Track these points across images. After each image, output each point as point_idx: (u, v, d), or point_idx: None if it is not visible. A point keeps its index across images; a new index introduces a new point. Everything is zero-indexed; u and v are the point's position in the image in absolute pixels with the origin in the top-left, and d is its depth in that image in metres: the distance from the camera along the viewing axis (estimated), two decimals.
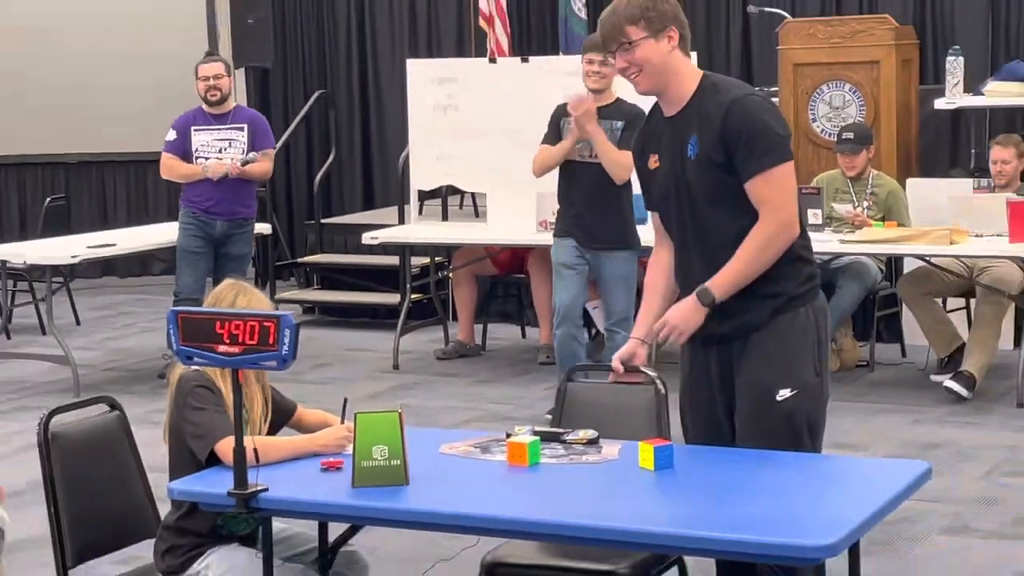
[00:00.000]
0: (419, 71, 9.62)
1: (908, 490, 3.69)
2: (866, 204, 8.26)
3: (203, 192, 8.52)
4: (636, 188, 5.31)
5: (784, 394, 3.99)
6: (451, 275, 9.56)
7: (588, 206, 7.30)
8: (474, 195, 10.43)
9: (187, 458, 4.01)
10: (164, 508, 4.18)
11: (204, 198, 8.53)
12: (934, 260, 8.01)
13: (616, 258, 7.23)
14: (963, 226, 7.79)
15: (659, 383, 4.38)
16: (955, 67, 8.84)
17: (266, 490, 3.70)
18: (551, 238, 7.54)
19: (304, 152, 12.60)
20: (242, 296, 4.14)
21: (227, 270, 8.26)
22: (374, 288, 10.54)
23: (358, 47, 12.32)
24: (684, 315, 4.04)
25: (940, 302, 8.32)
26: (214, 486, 3.80)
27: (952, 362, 7.99)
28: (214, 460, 3.95)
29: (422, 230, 9.60)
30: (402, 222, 9.96)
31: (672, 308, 4.08)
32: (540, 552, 4.20)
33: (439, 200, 10.37)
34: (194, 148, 8.56)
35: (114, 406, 4.31)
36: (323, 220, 11.42)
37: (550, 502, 3.64)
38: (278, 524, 4.13)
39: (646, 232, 6.04)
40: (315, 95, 11.90)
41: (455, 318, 9.54)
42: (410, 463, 3.76)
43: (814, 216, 7.86)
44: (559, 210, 7.52)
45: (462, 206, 10.79)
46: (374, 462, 3.72)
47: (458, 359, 9.18)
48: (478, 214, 10.24)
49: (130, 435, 4.28)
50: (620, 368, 4.15)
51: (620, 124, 7.20)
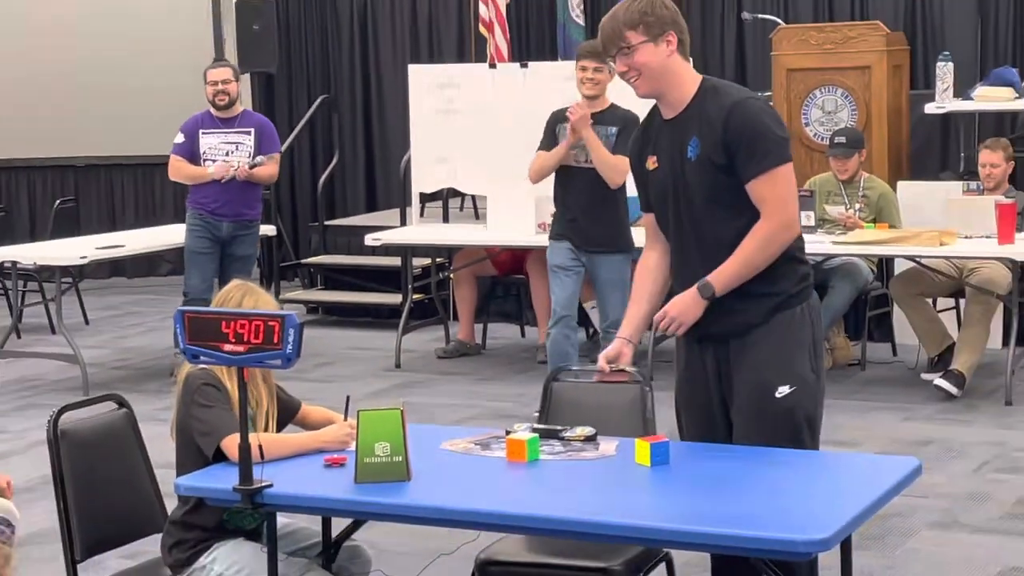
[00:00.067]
0: (420, 76, 9.68)
1: (899, 486, 3.71)
2: (858, 206, 8.26)
3: (210, 194, 8.53)
4: (632, 191, 5.38)
5: (783, 391, 4.01)
6: (452, 276, 9.54)
7: (583, 211, 7.32)
8: (474, 197, 10.41)
9: (194, 454, 4.01)
10: (171, 503, 4.20)
11: (211, 200, 8.53)
12: (924, 261, 8.00)
13: (611, 261, 7.25)
14: (953, 228, 7.79)
15: (644, 383, 4.40)
16: (945, 72, 8.85)
17: (271, 486, 3.71)
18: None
19: (308, 155, 12.56)
20: (249, 297, 4.14)
21: (233, 271, 8.28)
22: (376, 288, 10.54)
23: (361, 53, 12.27)
24: (684, 307, 4.06)
25: (930, 302, 8.30)
26: (220, 482, 3.80)
27: (942, 361, 8.01)
28: (220, 456, 3.95)
29: (423, 232, 9.60)
30: (404, 224, 9.98)
31: (673, 300, 4.10)
32: (533, 550, 4.20)
33: (440, 202, 10.36)
34: (202, 151, 8.56)
35: (122, 404, 4.32)
36: (327, 222, 11.41)
37: (549, 498, 3.64)
38: (282, 519, 4.11)
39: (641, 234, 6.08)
40: (319, 100, 11.90)
41: (456, 318, 9.53)
42: (412, 459, 3.77)
43: (807, 218, 7.81)
44: (555, 214, 7.54)
45: (462, 208, 10.77)
46: (376, 458, 3.73)
47: (459, 358, 9.19)
48: (478, 216, 10.22)
49: (138, 432, 4.29)
50: (606, 368, 4.16)
51: (614, 130, 7.22)
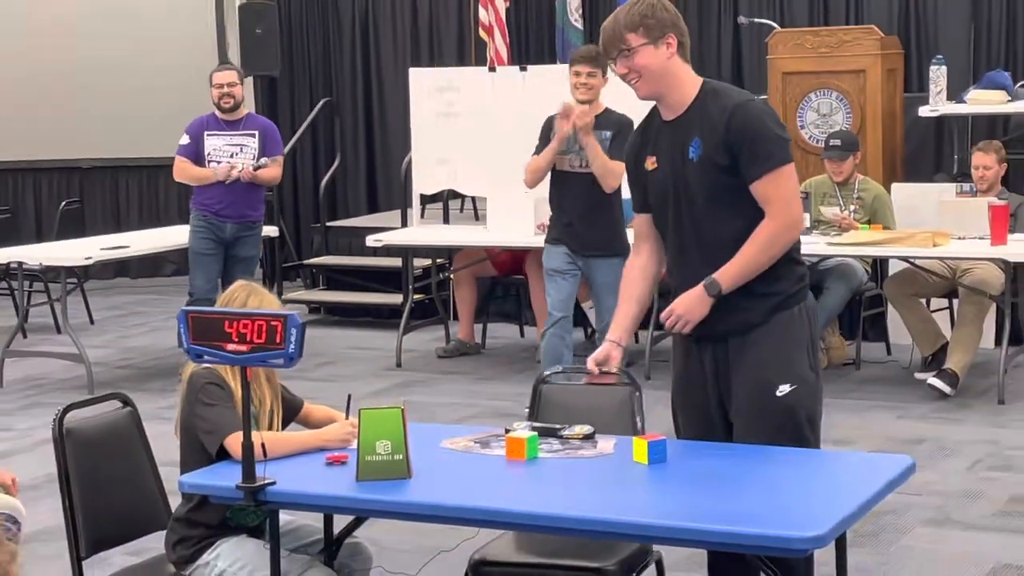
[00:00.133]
0: (421, 80, 9.72)
1: (893, 484, 3.72)
2: (853, 208, 8.29)
3: (213, 195, 8.57)
4: (627, 194, 5.44)
5: (784, 389, 4.02)
6: (452, 276, 9.57)
7: (579, 215, 7.36)
8: (474, 199, 10.45)
9: (198, 452, 4.02)
10: (175, 501, 4.21)
11: (214, 201, 8.57)
12: (918, 262, 8.02)
13: (607, 265, 7.21)
14: (946, 229, 7.80)
15: (633, 385, 4.42)
16: (938, 76, 8.90)
17: (273, 483, 3.73)
18: None
19: (310, 157, 12.61)
20: (253, 297, 4.15)
21: (236, 272, 8.32)
22: (377, 289, 10.58)
23: (362, 56, 12.33)
24: (691, 305, 4.07)
25: (924, 302, 8.34)
26: (223, 480, 3.81)
27: (936, 360, 8.04)
28: (224, 455, 3.96)
29: (424, 233, 9.65)
30: (405, 225, 9.99)
31: (679, 299, 4.10)
32: (527, 550, 4.20)
33: (440, 204, 10.40)
34: (206, 152, 8.60)
35: (127, 402, 4.33)
36: (328, 223, 11.45)
37: (547, 495, 3.66)
38: (285, 516, 4.13)
39: None
40: (321, 103, 11.95)
41: (456, 318, 9.56)
42: (412, 457, 3.78)
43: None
44: (551, 218, 7.56)
45: (463, 210, 10.80)
46: (378, 456, 3.74)
47: (459, 357, 9.22)
48: (478, 217, 10.27)
49: (142, 430, 4.31)
50: (595, 370, 4.17)
51: (608, 134, 7.25)
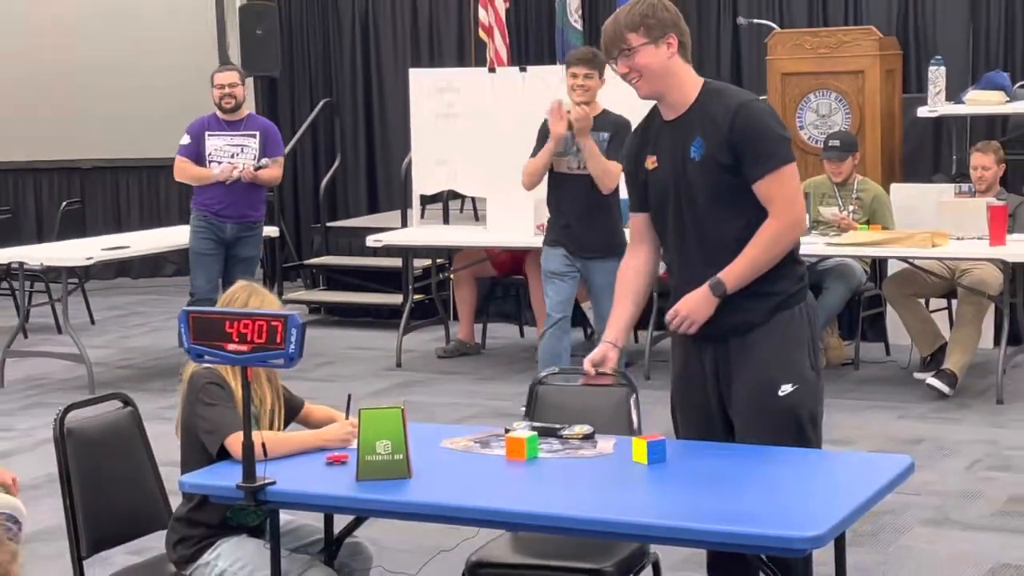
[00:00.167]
0: (421, 80, 9.72)
1: (892, 484, 3.73)
2: (851, 208, 8.30)
3: (214, 196, 8.57)
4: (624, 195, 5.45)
5: (786, 389, 4.03)
6: (452, 276, 9.58)
7: (577, 217, 7.35)
8: (474, 199, 10.46)
9: (198, 452, 4.03)
10: (175, 501, 4.21)
11: (215, 201, 8.58)
12: (917, 262, 8.03)
13: (605, 267, 7.09)
14: (945, 230, 7.81)
15: (629, 386, 4.43)
16: (937, 76, 8.91)
17: (274, 483, 3.74)
18: None
19: (311, 158, 12.62)
20: (255, 297, 4.16)
21: (236, 272, 8.34)
22: (378, 289, 10.59)
23: (362, 57, 12.35)
24: (696, 305, 4.07)
25: (923, 302, 8.35)
26: (224, 479, 3.82)
27: (935, 360, 8.06)
28: (224, 454, 3.97)
29: (424, 233, 9.66)
30: (405, 225, 10.00)
31: (683, 299, 4.10)
32: (524, 551, 4.19)
33: (440, 204, 10.42)
34: (207, 152, 8.61)
35: (127, 402, 4.33)
36: (329, 223, 11.47)
37: (547, 495, 3.67)
38: (285, 516, 4.13)
39: None
40: (321, 103, 11.96)
41: (456, 318, 9.57)
42: (412, 457, 3.79)
43: None
44: (549, 219, 7.56)
45: (462, 210, 10.81)
46: (378, 456, 3.75)
47: (459, 357, 9.23)
48: (478, 218, 10.28)
49: (143, 430, 4.31)
50: (592, 371, 4.17)
51: (606, 135, 7.25)
